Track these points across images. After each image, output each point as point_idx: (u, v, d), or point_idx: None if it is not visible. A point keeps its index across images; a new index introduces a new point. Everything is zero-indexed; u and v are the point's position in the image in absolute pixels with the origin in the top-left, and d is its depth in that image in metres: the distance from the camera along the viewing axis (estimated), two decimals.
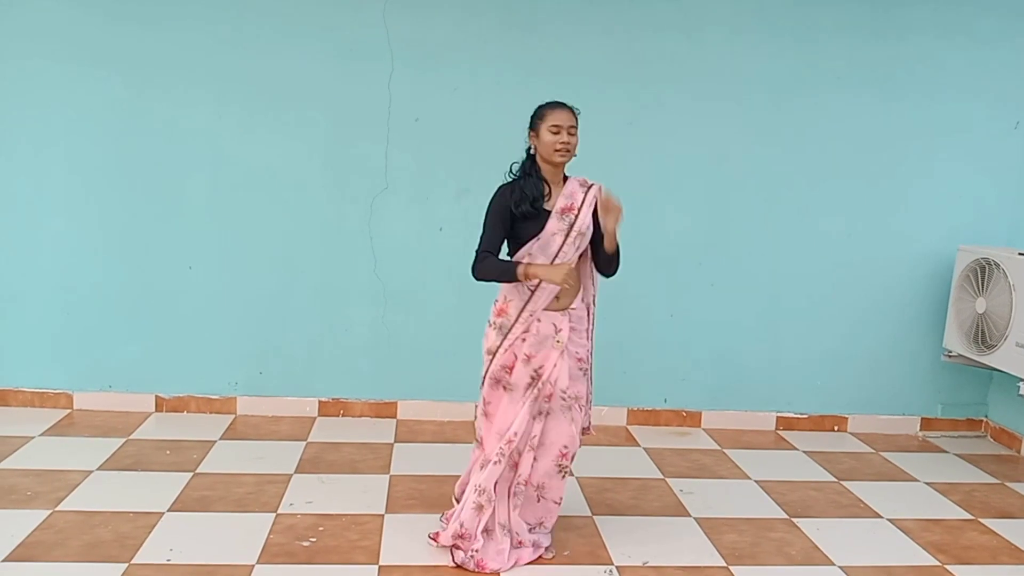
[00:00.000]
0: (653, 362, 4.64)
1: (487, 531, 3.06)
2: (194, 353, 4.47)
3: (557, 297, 3.00)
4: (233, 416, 4.50)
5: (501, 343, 3.03)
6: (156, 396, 4.50)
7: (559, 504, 3.16)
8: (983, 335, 4.24)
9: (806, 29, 4.45)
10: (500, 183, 3.06)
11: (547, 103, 3.02)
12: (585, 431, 3.23)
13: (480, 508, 3.03)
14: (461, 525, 3.05)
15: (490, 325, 3.08)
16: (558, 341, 3.00)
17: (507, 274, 2.94)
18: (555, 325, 3.00)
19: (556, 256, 2.97)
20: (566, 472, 3.12)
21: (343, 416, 4.57)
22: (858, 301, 4.67)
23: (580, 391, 3.10)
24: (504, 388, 3.05)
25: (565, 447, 3.07)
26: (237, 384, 4.53)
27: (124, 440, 4.08)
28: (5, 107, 4.25)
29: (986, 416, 4.84)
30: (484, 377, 3.09)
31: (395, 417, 4.59)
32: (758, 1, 4.42)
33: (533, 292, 2.98)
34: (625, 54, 4.40)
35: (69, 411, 4.44)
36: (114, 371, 4.47)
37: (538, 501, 3.13)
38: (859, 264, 4.65)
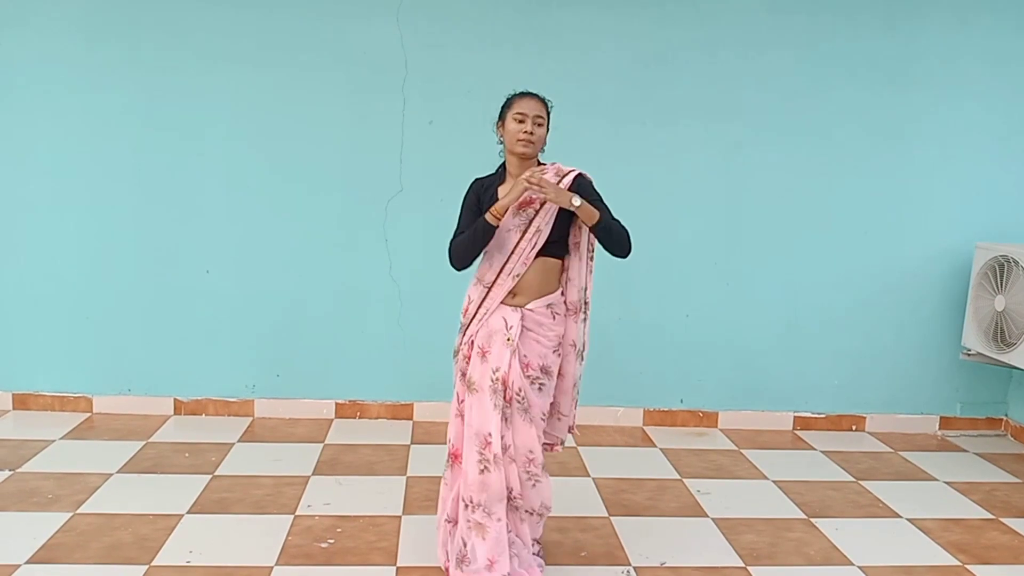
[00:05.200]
0: (669, 363, 4.63)
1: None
2: (212, 356, 4.50)
3: (513, 294, 2.84)
4: (251, 418, 4.53)
5: (462, 339, 2.93)
6: (175, 399, 4.53)
7: (543, 515, 2.96)
8: (1002, 333, 4.20)
9: (820, 25, 4.43)
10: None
11: (517, 92, 2.88)
12: (570, 429, 3.07)
13: (481, 526, 2.80)
14: (463, 553, 2.82)
15: (459, 328, 2.97)
16: (508, 339, 2.80)
17: (478, 231, 2.78)
18: (505, 320, 2.82)
19: (512, 253, 2.80)
20: (536, 480, 2.87)
21: (360, 418, 4.59)
22: (875, 299, 4.65)
23: (535, 403, 2.85)
24: (468, 386, 2.87)
25: (531, 452, 2.84)
26: (254, 387, 4.55)
27: (143, 443, 4.12)
28: (24, 114, 4.29)
29: (1006, 415, 4.80)
30: (455, 377, 2.97)
31: (411, 419, 4.60)
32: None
33: (490, 289, 2.85)
34: (639, 54, 4.40)
35: (89, 415, 4.47)
36: (133, 375, 4.50)
37: (528, 514, 2.93)
38: (876, 262, 4.62)
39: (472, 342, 2.89)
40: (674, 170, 4.50)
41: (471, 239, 2.82)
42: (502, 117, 2.88)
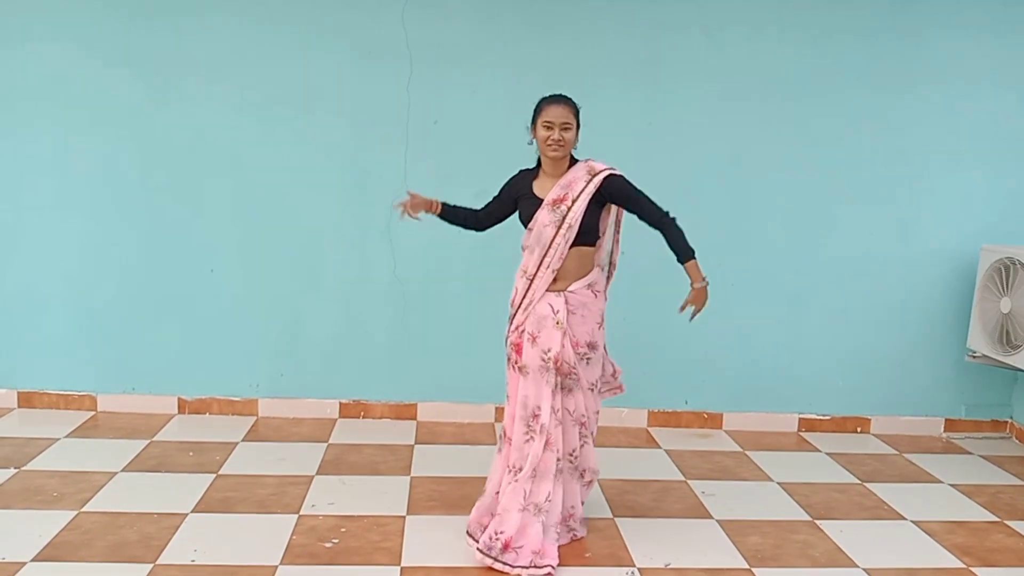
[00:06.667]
0: (674, 364, 4.63)
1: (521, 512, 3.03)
2: (216, 355, 4.51)
3: (555, 279, 3.08)
4: (255, 418, 4.53)
5: (510, 326, 3.16)
6: (179, 398, 4.54)
7: (592, 480, 3.27)
8: (1008, 335, 4.19)
9: (826, 26, 4.42)
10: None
11: (546, 97, 3.10)
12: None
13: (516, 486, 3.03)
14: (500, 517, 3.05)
15: (509, 318, 3.21)
16: (558, 323, 3.04)
17: None
18: (551, 306, 3.06)
19: (549, 247, 3.04)
20: (586, 441, 3.19)
21: (363, 418, 4.59)
22: (880, 301, 4.64)
23: (583, 375, 3.12)
24: (518, 370, 3.11)
25: (583, 416, 3.16)
26: (259, 386, 4.56)
27: (148, 442, 4.12)
28: (28, 113, 4.30)
29: (1011, 417, 4.79)
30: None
31: (415, 419, 4.60)
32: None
33: (532, 280, 3.08)
34: (644, 54, 4.39)
35: (93, 413, 4.48)
36: (137, 373, 4.51)
37: (581, 476, 3.21)
38: (881, 264, 4.61)
39: (522, 330, 3.10)
40: (678, 170, 4.49)
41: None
42: (534, 122, 3.11)
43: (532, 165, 3.25)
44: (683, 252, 3.17)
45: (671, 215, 3.16)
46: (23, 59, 4.26)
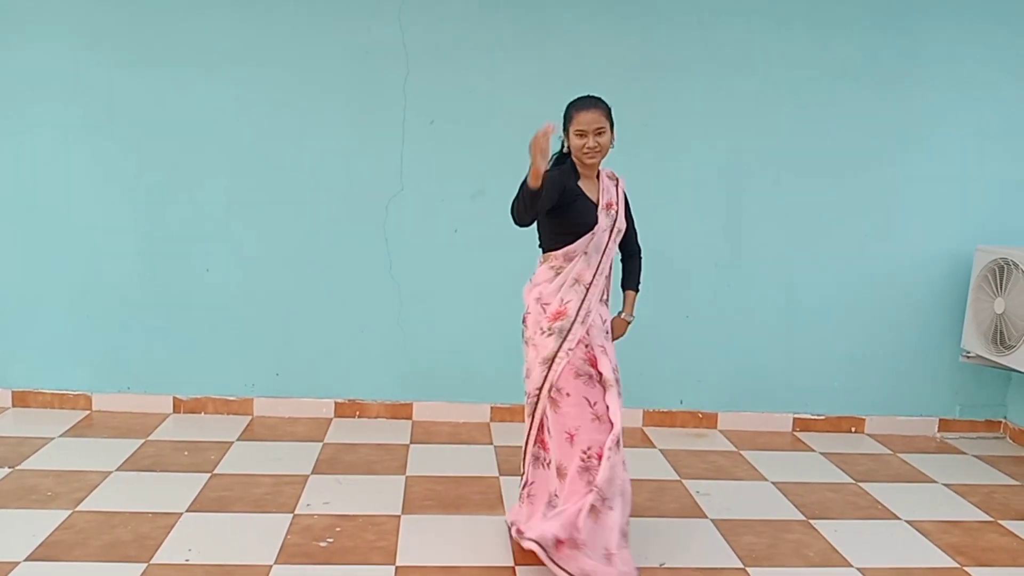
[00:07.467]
0: (669, 363, 4.63)
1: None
2: (211, 355, 4.50)
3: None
4: (250, 417, 4.52)
5: (561, 345, 2.88)
6: (174, 397, 4.53)
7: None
8: (1002, 336, 4.20)
9: (821, 23, 4.42)
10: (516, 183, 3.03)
11: (575, 102, 2.92)
12: None
13: (595, 509, 2.80)
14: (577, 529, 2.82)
15: (543, 333, 2.92)
16: (607, 332, 3.01)
17: (523, 190, 2.69)
18: (601, 316, 3.01)
19: (604, 252, 2.97)
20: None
21: (359, 417, 4.59)
22: (875, 302, 4.65)
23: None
24: (599, 383, 2.89)
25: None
26: (254, 385, 4.55)
27: (142, 441, 4.11)
28: (25, 113, 4.29)
29: (1005, 417, 4.81)
30: (542, 389, 2.91)
31: (411, 418, 4.60)
32: None
33: (588, 288, 2.94)
34: (640, 54, 4.39)
35: (88, 412, 4.47)
36: (132, 373, 4.50)
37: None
38: (876, 265, 4.62)
39: (587, 344, 2.90)
40: (675, 170, 4.50)
41: (520, 197, 2.72)
42: (565, 129, 2.94)
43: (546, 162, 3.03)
44: (636, 282, 3.25)
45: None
46: (22, 59, 4.25)
